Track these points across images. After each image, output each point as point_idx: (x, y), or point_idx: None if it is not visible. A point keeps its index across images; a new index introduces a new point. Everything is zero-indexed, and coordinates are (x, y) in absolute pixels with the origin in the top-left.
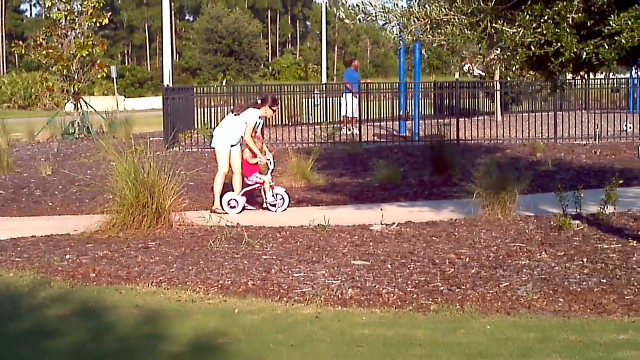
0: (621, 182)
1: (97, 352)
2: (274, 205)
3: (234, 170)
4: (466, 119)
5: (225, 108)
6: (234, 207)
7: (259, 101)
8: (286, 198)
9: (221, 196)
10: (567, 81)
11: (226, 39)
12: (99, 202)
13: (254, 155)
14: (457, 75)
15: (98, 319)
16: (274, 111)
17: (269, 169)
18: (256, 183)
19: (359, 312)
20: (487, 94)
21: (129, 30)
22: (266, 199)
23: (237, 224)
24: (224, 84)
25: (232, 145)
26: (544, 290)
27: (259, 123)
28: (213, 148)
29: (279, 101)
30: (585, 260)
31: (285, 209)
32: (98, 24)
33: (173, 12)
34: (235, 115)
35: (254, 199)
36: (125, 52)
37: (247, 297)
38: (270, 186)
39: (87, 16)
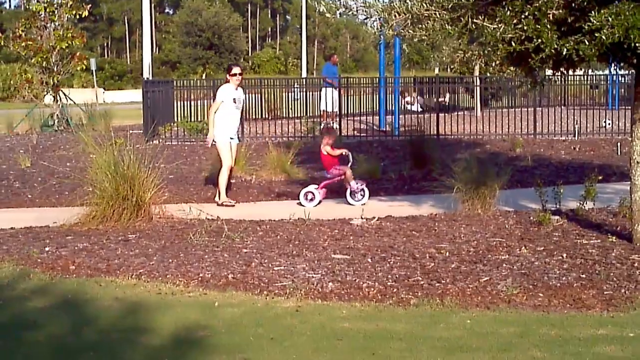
0: (600, 178)
1: (76, 345)
2: (357, 200)
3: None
4: (446, 114)
5: (205, 101)
6: (312, 199)
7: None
8: (366, 192)
9: (227, 189)
10: (547, 77)
11: (206, 32)
12: (79, 194)
13: (333, 149)
14: (437, 71)
15: (77, 312)
16: (234, 75)
17: (348, 162)
18: (335, 176)
19: (339, 305)
20: (466, 90)
21: (109, 22)
22: (349, 191)
23: (217, 217)
24: (203, 77)
25: (231, 138)
26: (524, 285)
27: (240, 98)
28: (214, 143)
29: (239, 66)
30: (564, 255)
31: (365, 203)
32: (77, 16)
33: (153, 5)
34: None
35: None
36: (105, 44)
37: (228, 290)
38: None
39: (67, 8)
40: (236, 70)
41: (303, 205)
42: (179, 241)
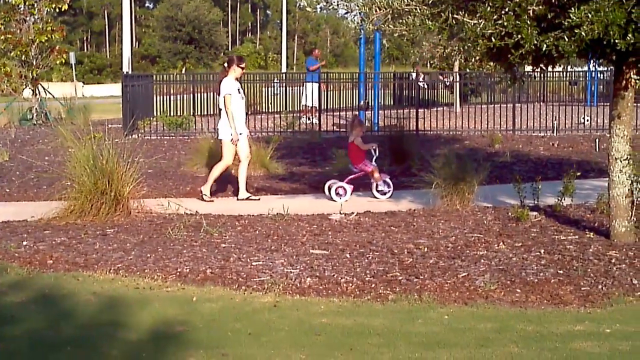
0: (578, 174)
1: (54, 340)
2: (385, 193)
3: (242, 158)
4: (425, 109)
5: (185, 96)
6: (342, 195)
7: (225, 66)
8: (391, 185)
9: (212, 185)
10: (527, 73)
11: (186, 26)
12: (57, 188)
13: (365, 143)
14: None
15: (55, 306)
16: (242, 69)
17: (373, 156)
18: (362, 170)
19: (318, 301)
20: (446, 85)
21: (89, 16)
22: (377, 186)
23: (196, 212)
24: (183, 71)
25: (240, 134)
26: (502, 280)
27: (240, 89)
28: (222, 139)
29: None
30: (542, 251)
31: (390, 196)
32: (57, 10)
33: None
34: (219, 96)
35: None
36: (85, 38)
37: (206, 285)
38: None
39: (46, 2)
40: (243, 63)
41: (334, 201)
42: (158, 236)
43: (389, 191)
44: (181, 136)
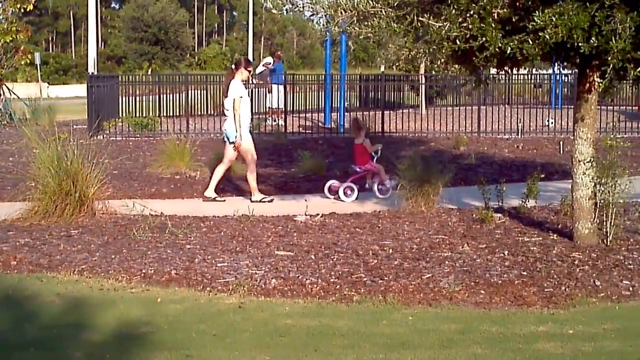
0: (542, 176)
1: (17, 341)
2: (383, 194)
3: (249, 161)
4: (391, 111)
5: (151, 97)
6: (350, 195)
7: (233, 68)
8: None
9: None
10: (491, 76)
11: (152, 27)
12: (21, 189)
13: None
14: (382, 68)
15: (19, 308)
16: (249, 72)
17: (374, 157)
18: (367, 171)
19: (282, 302)
20: (412, 88)
21: (54, 16)
22: (379, 186)
23: (161, 212)
24: (149, 72)
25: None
26: (466, 282)
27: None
28: (232, 143)
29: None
30: (506, 252)
31: (388, 197)
32: (22, 10)
33: (99, 0)
34: (227, 98)
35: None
36: (50, 38)
37: (170, 286)
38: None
39: (11, 1)
40: (250, 66)
41: (343, 201)
42: (122, 237)
43: (389, 192)
44: (147, 137)
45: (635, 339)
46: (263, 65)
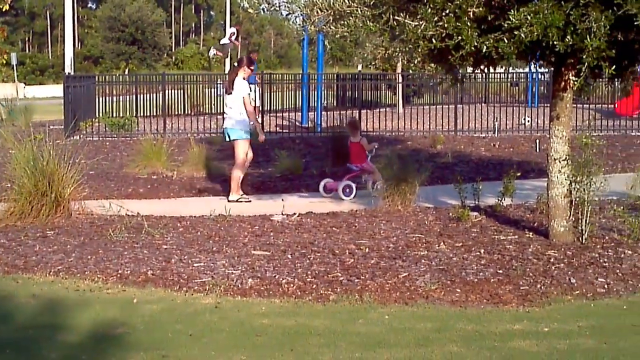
0: (519, 174)
1: None
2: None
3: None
4: (368, 110)
5: (128, 97)
6: (349, 193)
7: (236, 65)
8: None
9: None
10: (468, 74)
11: (129, 27)
12: None
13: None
14: (360, 67)
15: None
16: (252, 70)
17: (369, 156)
18: (363, 169)
19: (259, 302)
20: (389, 87)
21: (30, 17)
22: (373, 183)
23: (138, 213)
24: (126, 72)
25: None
26: (442, 280)
27: None
28: (235, 140)
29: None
30: (482, 251)
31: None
32: None
33: (75, 0)
34: (230, 94)
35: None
36: (26, 39)
37: (147, 286)
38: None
39: None
40: (252, 65)
41: (342, 199)
42: (99, 237)
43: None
44: (123, 137)
45: (610, 336)
46: (228, 39)
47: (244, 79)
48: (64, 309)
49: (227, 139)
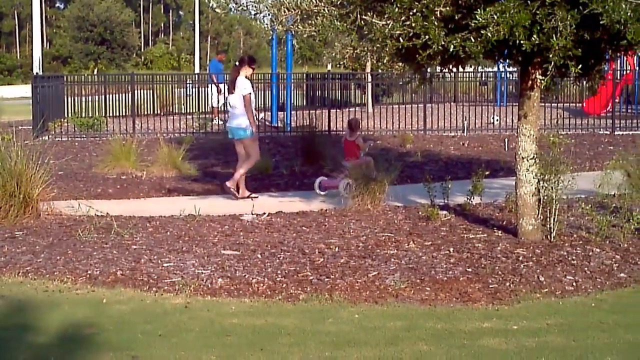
0: (487, 173)
1: None
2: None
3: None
4: (338, 110)
5: (97, 97)
6: (349, 190)
7: (237, 65)
8: None
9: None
10: (436, 74)
11: (98, 27)
12: None
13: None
14: (329, 67)
15: None
16: (253, 69)
17: (362, 154)
18: (356, 164)
19: (229, 301)
20: (358, 86)
21: None
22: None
23: (107, 213)
24: (95, 72)
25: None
26: (411, 279)
27: None
28: (240, 139)
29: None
30: (451, 249)
31: None
32: None
33: (43, 0)
34: (233, 94)
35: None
36: None
37: (116, 287)
38: None
39: None
40: (254, 64)
41: (345, 197)
42: (68, 238)
43: None
44: (92, 137)
45: (578, 333)
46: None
47: (246, 77)
48: (33, 309)
49: (231, 137)
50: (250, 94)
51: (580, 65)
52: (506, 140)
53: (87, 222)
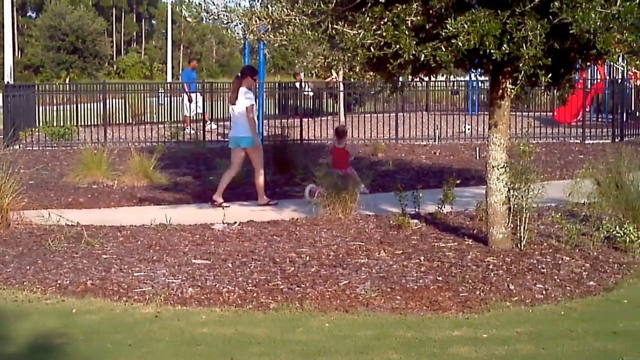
0: (458, 182)
1: None
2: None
3: (238, 167)
4: (310, 119)
5: (69, 106)
6: None
7: (239, 76)
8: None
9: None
10: (408, 83)
11: (70, 36)
12: None
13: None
14: (302, 76)
15: None
16: (255, 80)
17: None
18: (346, 174)
19: (199, 311)
20: (330, 95)
21: None
22: (362, 189)
23: (77, 222)
24: (67, 81)
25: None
26: (382, 288)
27: None
28: (247, 147)
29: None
30: (422, 258)
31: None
32: None
33: (15, 8)
34: (235, 105)
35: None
36: None
37: (86, 297)
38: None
39: None
40: (255, 75)
41: (308, 201)
42: (37, 248)
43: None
44: (64, 147)
45: (547, 341)
46: None
47: (249, 88)
48: (2, 319)
49: (232, 146)
50: (252, 104)
51: (550, 75)
52: (477, 149)
53: (58, 231)
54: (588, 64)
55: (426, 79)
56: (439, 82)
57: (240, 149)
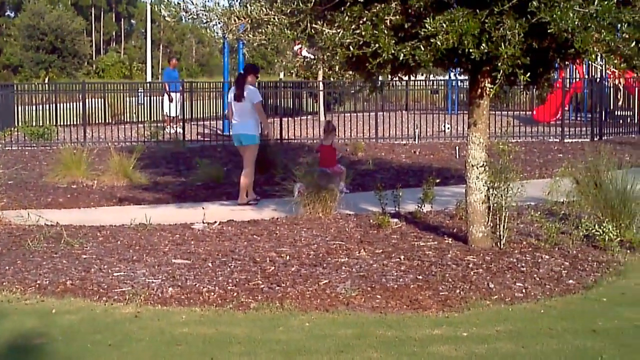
0: (438, 181)
1: None
2: (344, 193)
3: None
4: (290, 118)
5: (48, 106)
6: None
7: (242, 73)
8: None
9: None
10: (386, 82)
11: (49, 35)
12: None
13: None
14: (281, 75)
15: None
16: (257, 77)
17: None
18: (335, 172)
19: (179, 310)
20: (310, 94)
21: None
22: (341, 187)
23: (57, 222)
24: (46, 81)
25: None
26: (362, 287)
27: None
28: (247, 145)
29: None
30: (402, 257)
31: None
32: None
33: None
34: (239, 102)
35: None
36: None
37: (66, 297)
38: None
39: None
40: (257, 73)
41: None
42: (17, 248)
43: (342, 194)
44: (43, 147)
45: (527, 340)
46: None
47: (253, 86)
48: None
49: (238, 144)
50: (260, 101)
51: (529, 74)
52: (457, 148)
53: (37, 231)
54: (566, 63)
55: (405, 78)
56: (419, 82)
57: (244, 146)
